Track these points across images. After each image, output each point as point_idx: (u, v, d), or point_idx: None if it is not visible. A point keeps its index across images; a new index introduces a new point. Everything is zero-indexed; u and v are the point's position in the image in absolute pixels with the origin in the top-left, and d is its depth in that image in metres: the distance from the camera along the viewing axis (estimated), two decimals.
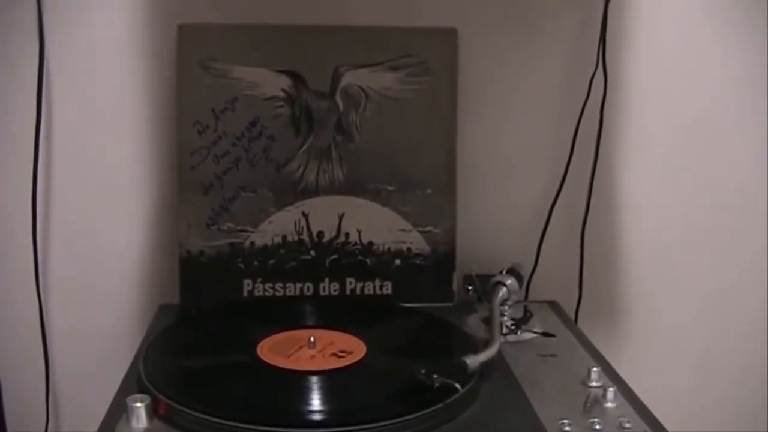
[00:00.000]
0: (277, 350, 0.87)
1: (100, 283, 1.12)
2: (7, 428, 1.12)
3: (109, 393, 0.81)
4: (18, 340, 1.11)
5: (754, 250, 1.20)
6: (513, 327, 0.99)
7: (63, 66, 1.07)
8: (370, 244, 1.08)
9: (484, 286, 1.02)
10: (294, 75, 1.06)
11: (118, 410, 0.76)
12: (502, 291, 0.98)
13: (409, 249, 1.09)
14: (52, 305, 1.12)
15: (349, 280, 1.09)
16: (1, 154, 1.08)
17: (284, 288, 1.08)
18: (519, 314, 1.02)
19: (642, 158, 1.17)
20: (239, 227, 1.07)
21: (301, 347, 0.88)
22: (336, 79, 1.07)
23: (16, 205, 1.08)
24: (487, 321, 0.98)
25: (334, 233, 1.08)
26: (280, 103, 1.06)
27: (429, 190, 1.09)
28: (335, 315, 0.99)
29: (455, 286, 1.10)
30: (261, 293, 1.07)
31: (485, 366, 0.83)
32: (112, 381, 0.84)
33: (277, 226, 1.07)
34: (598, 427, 0.75)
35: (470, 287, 1.06)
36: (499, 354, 0.88)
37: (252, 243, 1.07)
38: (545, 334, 0.99)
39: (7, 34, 1.05)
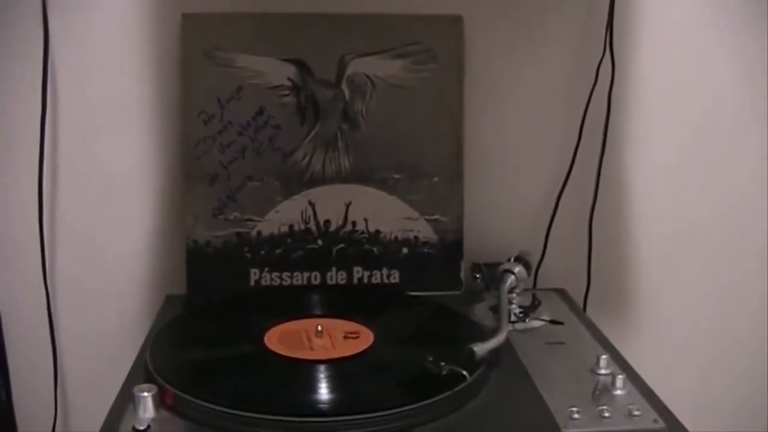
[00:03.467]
0: (284, 340, 0.87)
1: (107, 275, 1.12)
2: (17, 424, 1.12)
3: (116, 384, 0.81)
4: (26, 333, 1.11)
5: (764, 234, 1.20)
6: (521, 315, 0.98)
7: (67, 57, 1.06)
8: (377, 232, 1.08)
9: (492, 274, 1.01)
10: (300, 63, 1.06)
11: (126, 400, 0.76)
12: (510, 279, 0.97)
13: (416, 237, 1.09)
14: (60, 298, 1.12)
15: (356, 268, 1.08)
16: (6, 148, 1.07)
17: (291, 277, 1.08)
18: (527, 302, 1.02)
19: (650, 145, 1.16)
20: (246, 217, 1.06)
21: (308, 337, 0.88)
22: (342, 67, 1.06)
23: (22, 199, 1.07)
24: (495, 309, 0.98)
25: (341, 222, 1.08)
26: (286, 92, 1.06)
27: (436, 178, 1.08)
28: (342, 304, 0.99)
29: (463, 274, 1.09)
30: (268, 283, 1.07)
31: (493, 354, 0.83)
32: (119, 372, 0.84)
33: (284, 215, 1.07)
34: (607, 414, 0.75)
35: (478, 275, 1.05)
36: (507, 342, 0.88)
37: (259, 232, 1.07)
38: (553, 322, 0.99)
39: (11, 26, 1.04)
